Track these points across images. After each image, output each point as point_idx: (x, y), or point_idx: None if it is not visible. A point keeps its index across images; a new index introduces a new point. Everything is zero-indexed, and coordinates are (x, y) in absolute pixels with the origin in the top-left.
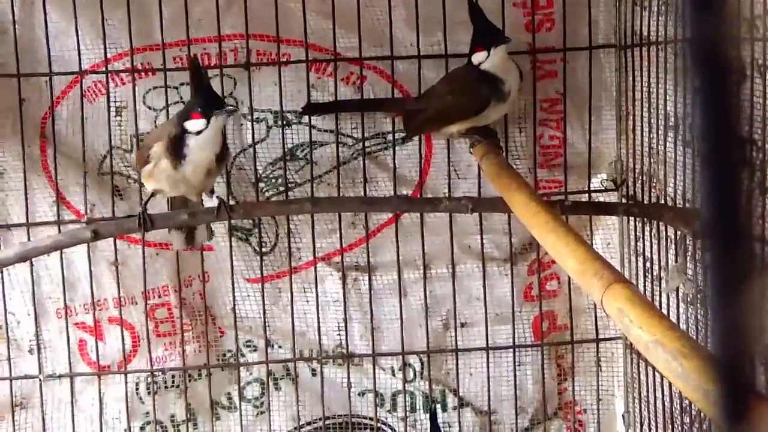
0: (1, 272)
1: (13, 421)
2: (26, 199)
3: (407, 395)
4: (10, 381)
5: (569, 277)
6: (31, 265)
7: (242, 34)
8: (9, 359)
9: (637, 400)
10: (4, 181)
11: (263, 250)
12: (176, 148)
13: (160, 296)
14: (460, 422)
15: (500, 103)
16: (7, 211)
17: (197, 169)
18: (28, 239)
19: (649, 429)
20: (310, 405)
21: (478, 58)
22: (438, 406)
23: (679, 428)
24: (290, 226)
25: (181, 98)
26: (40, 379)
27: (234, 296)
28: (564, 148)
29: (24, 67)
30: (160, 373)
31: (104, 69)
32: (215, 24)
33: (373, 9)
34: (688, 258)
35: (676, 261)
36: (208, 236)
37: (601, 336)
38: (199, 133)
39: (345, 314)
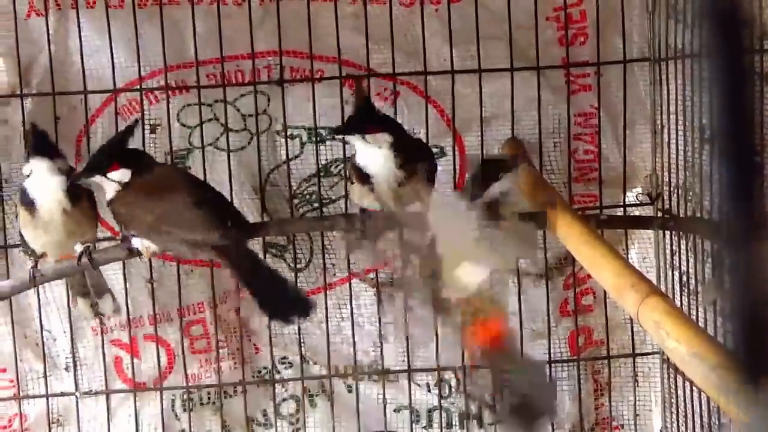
0: (38, 290)
1: None
2: None
3: (443, 411)
4: (47, 398)
5: (605, 292)
6: (67, 282)
7: (275, 50)
8: (45, 376)
9: (674, 415)
10: None
11: (298, 266)
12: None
13: (195, 313)
14: None
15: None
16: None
17: None
18: None
19: None
20: (346, 421)
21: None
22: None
23: None
24: (324, 242)
25: (215, 116)
26: (76, 396)
27: None
28: (599, 162)
29: (59, 86)
30: (195, 389)
31: (138, 87)
32: (248, 41)
33: (406, 24)
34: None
35: (713, 274)
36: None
37: (637, 351)
38: None
39: (380, 330)
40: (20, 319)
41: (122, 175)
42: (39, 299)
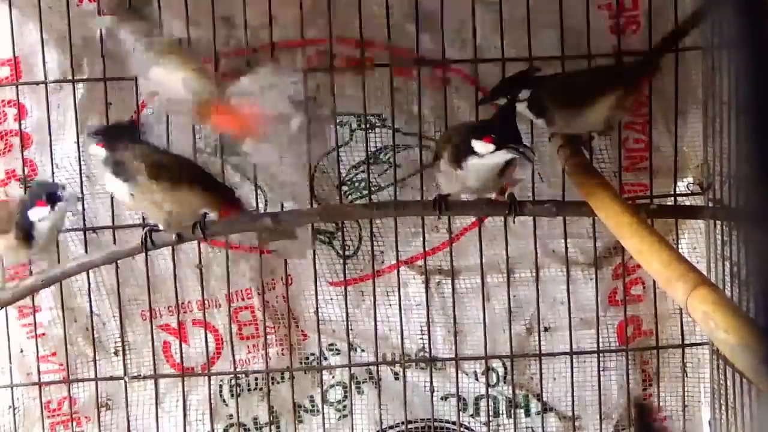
0: (89, 275)
1: (99, 421)
2: (112, 202)
3: (490, 400)
4: (96, 382)
5: (654, 282)
6: (117, 267)
7: (326, 38)
8: (95, 360)
9: (723, 407)
10: (91, 184)
11: (346, 253)
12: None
13: (243, 299)
14: (543, 427)
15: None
16: (94, 215)
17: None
18: (114, 242)
19: None
20: (393, 409)
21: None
22: (521, 410)
23: None
24: (373, 229)
25: None
26: (125, 381)
27: (317, 299)
28: (649, 152)
29: (110, 72)
30: (243, 375)
31: None
32: (299, 28)
33: (457, 12)
34: None
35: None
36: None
37: (686, 341)
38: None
39: (428, 318)
40: (70, 304)
41: None
42: (89, 284)
